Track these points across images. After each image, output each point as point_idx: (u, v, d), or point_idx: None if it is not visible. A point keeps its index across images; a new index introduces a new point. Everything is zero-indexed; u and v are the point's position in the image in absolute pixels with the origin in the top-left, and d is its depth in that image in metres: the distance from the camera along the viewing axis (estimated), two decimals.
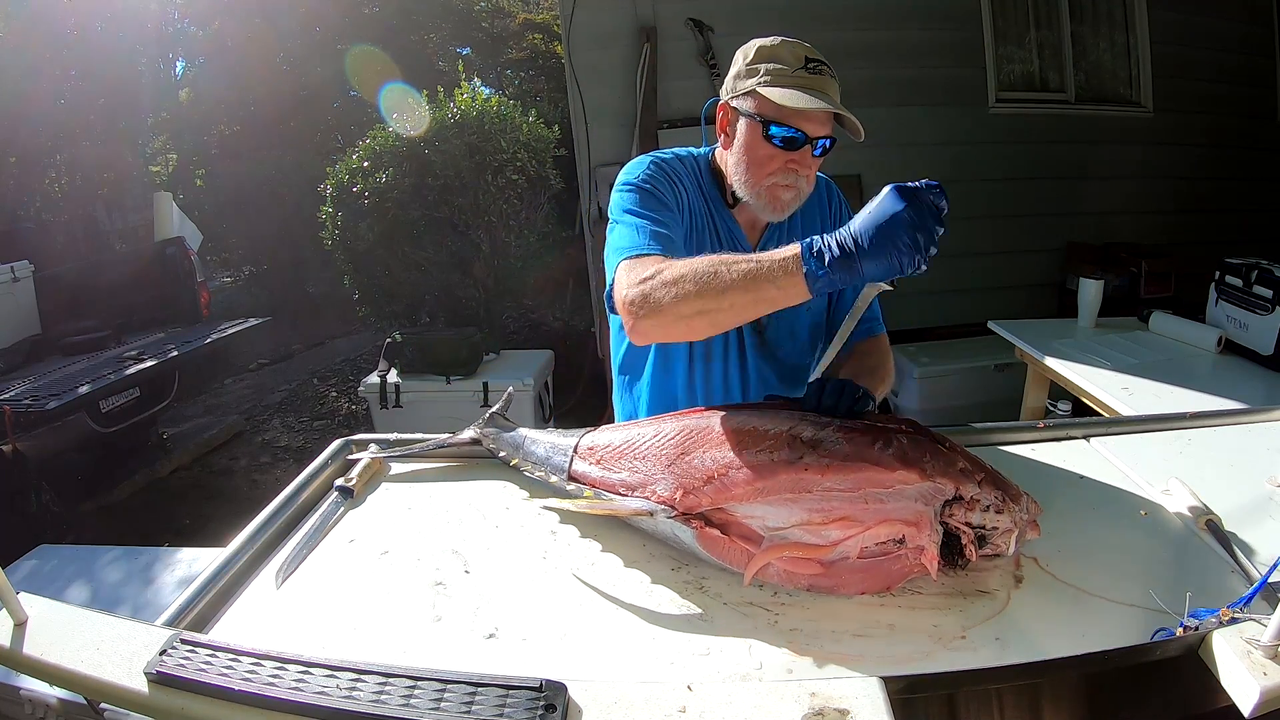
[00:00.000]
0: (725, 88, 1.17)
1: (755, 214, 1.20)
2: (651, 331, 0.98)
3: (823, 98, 1.06)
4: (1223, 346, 2.15)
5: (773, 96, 1.06)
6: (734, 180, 1.17)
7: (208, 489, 3.66)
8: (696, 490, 0.90)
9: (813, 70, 1.08)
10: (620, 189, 1.17)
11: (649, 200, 1.14)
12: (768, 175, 1.12)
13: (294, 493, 1.10)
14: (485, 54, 8.76)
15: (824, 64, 1.09)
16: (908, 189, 0.82)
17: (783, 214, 1.16)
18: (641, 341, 1.01)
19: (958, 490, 0.84)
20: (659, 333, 0.98)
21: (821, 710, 0.60)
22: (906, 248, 0.80)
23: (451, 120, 3.87)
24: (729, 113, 1.16)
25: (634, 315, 0.97)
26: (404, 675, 0.63)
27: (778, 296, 0.88)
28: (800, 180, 1.13)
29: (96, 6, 6.69)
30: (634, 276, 0.99)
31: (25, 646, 0.70)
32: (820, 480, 0.84)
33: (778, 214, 1.16)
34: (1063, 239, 4.11)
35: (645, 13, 3.69)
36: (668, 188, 1.18)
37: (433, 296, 4.17)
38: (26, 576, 1.94)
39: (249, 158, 6.89)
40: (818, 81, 1.08)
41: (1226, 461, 1.15)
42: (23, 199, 6.53)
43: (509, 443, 1.16)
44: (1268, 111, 4.35)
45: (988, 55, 3.94)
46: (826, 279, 0.84)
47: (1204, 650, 0.69)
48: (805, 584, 0.86)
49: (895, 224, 0.80)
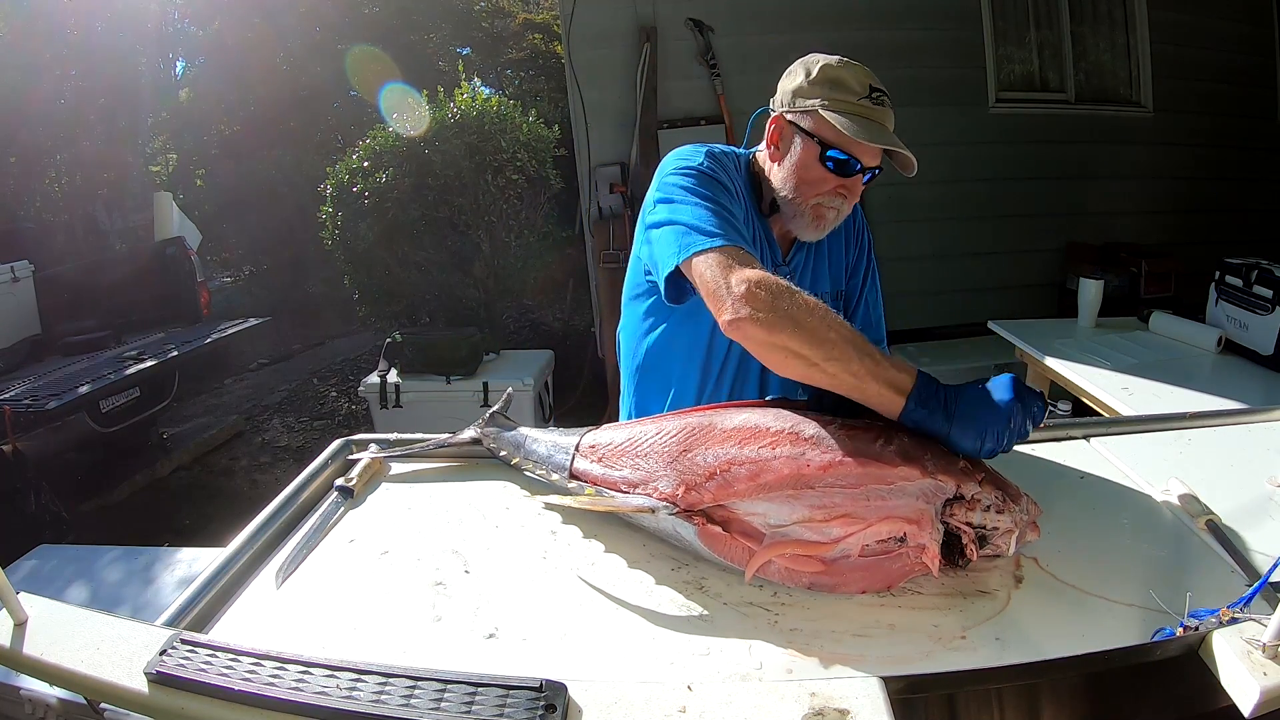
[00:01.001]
0: (780, 99, 1.16)
1: (790, 227, 1.20)
2: (753, 337, 0.93)
3: (882, 131, 1.07)
4: (1223, 346, 2.15)
5: (836, 123, 1.07)
6: (780, 191, 1.17)
7: (208, 489, 3.66)
8: (698, 487, 0.90)
9: (876, 101, 1.09)
10: (678, 172, 1.13)
11: (715, 188, 1.11)
12: (816, 195, 1.13)
13: (294, 493, 1.10)
14: (485, 54, 8.76)
15: (885, 94, 1.10)
16: (1023, 388, 0.87)
17: (821, 234, 1.17)
18: (735, 336, 0.96)
19: (959, 489, 0.84)
20: (756, 343, 0.94)
21: (821, 710, 0.60)
22: (993, 435, 0.86)
23: (451, 120, 3.87)
24: (783, 126, 1.16)
25: (751, 311, 0.92)
26: (404, 675, 0.63)
27: (869, 399, 0.90)
28: (845, 205, 1.15)
29: (96, 6, 6.69)
30: (754, 275, 0.94)
31: (25, 646, 0.70)
32: (822, 476, 0.84)
33: (817, 234, 1.17)
34: (1063, 239, 4.11)
35: (645, 12, 3.69)
36: (728, 180, 1.15)
37: (433, 296, 4.17)
38: (26, 576, 1.93)
39: (249, 158, 6.90)
40: (879, 113, 1.09)
41: (1226, 461, 1.15)
42: (23, 199, 6.54)
43: (509, 442, 1.16)
44: (1268, 111, 4.35)
45: (988, 55, 3.94)
46: (913, 419, 0.88)
47: (1204, 650, 0.69)
48: (806, 582, 0.86)
49: (997, 412, 0.86)
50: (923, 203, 3.89)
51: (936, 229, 3.98)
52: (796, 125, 1.13)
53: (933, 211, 3.92)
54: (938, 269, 4.04)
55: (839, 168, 1.11)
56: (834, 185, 1.12)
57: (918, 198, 3.88)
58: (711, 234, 1.02)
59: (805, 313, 0.91)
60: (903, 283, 3.92)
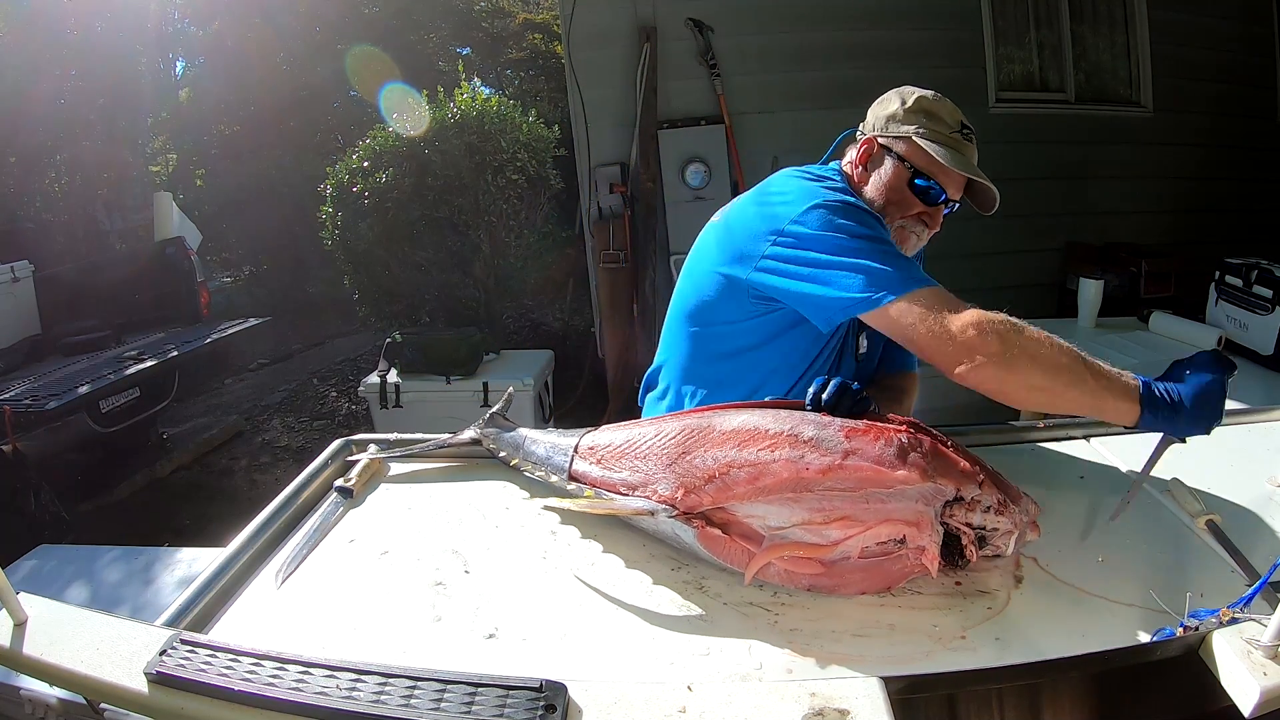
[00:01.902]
0: (873, 124, 1.20)
1: None
2: (994, 379, 0.95)
3: (969, 164, 1.12)
4: (1223, 346, 2.15)
5: (930, 150, 1.11)
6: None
7: (208, 489, 3.66)
8: (698, 490, 0.89)
9: (966, 136, 1.14)
10: (849, 233, 1.07)
11: (873, 224, 1.10)
12: (901, 217, 1.17)
13: (294, 493, 1.10)
14: (485, 54, 8.76)
15: (972, 131, 1.15)
16: (1219, 361, 0.92)
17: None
18: (971, 382, 0.96)
19: (958, 491, 0.84)
20: (997, 384, 0.95)
21: (821, 710, 0.60)
22: (1217, 415, 0.91)
23: (451, 120, 3.87)
24: (875, 148, 1.19)
25: (986, 357, 0.94)
26: (404, 675, 0.63)
27: (1106, 414, 0.94)
28: (925, 233, 1.19)
29: (96, 6, 6.69)
30: (974, 318, 0.96)
31: (25, 646, 0.70)
32: (821, 480, 0.84)
33: None
34: (1063, 239, 4.11)
35: (645, 13, 3.69)
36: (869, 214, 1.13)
37: (433, 296, 4.17)
38: (26, 576, 1.93)
39: (249, 158, 6.90)
40: (968, 149, 1.14)
41: (1226, 461, 1.15)
42: (23, 199, 6.53)
43: (509, 443, 1.16)
44: (1268, 111, 4.35)
45: (988, 55, 3.94)
46: (1151, 424, 0.93)
47: (1204, 650, 0.69)
48: (806, 584, 0.86)
49: (1215, 392, 0.91)
50: None
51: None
52: (888, 149, 1.16)
53: None
54: (938, 269, 4.01)
55: (925, 194, 1.14)
56: (918, 210, 1.16)
57: None
58: (906, 280, 1.02)
59: (1036, 345, 0.94)
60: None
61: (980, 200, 1.16)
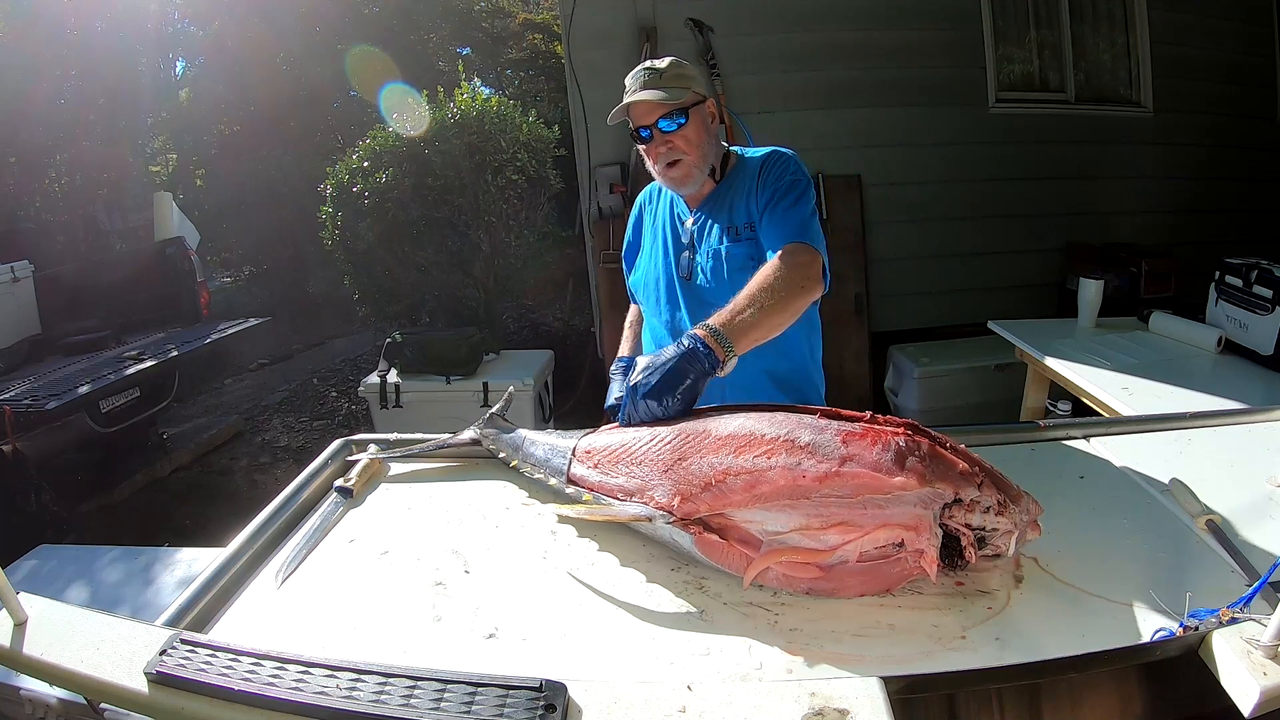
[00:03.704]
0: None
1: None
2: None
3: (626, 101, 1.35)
4: (1223, 346, 2.14)
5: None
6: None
7: (208, 489, 3.66)
8: (694, 497, 0.89)
9: (636, 79, 1.36)
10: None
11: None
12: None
13: (294, 493, 1.11)
14: (485, 54, 8.76)
15: (647, 70, 1.34)
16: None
17: (676, 188, 1.44)
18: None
19: (957, 493, 0.84)
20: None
21: (821, 710, 0.60)
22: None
23: (451, 120, 3.87)
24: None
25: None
26: (404, 675, 0.63)
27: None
28: (651, 164, 1.40)
29: (96, 6, 6.69)
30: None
31: (25, 646, 0.70)
32: (818, 488, 0.83)
33: (674, 187, 1.44)
34: (1063, 239, 4.10)
35: (645, 13, 3.69)
36: None
37: (433, 296, 4.17)
38: (26, 576, 1.93)
39: (249, 158, 6.89)
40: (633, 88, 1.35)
41: (1226, 461, 1.15)
42: (23, 199, 6.53)
43: (509, 444, 1.16)
44: (1268, 111, 4.34)
45: (988, 55, 3.93)
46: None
47: (1204, 650, 0.69)
48: (804, 588, 0.86)
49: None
50: (923, 203, 3.89)
51: (936, 229, 3.97)
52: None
53: (933, 211, 3.92)
54: (938, 269, 4.02)
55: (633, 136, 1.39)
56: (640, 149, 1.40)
57: (918, 198, 3.88)
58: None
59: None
60: (903, 283, 3.91)
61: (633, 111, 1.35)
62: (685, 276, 1.42)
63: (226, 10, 7.41)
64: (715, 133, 1.40)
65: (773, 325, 1.14)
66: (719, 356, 1.06)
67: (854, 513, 0.83)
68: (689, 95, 1.33)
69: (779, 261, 1.20)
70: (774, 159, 1.38)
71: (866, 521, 0.83)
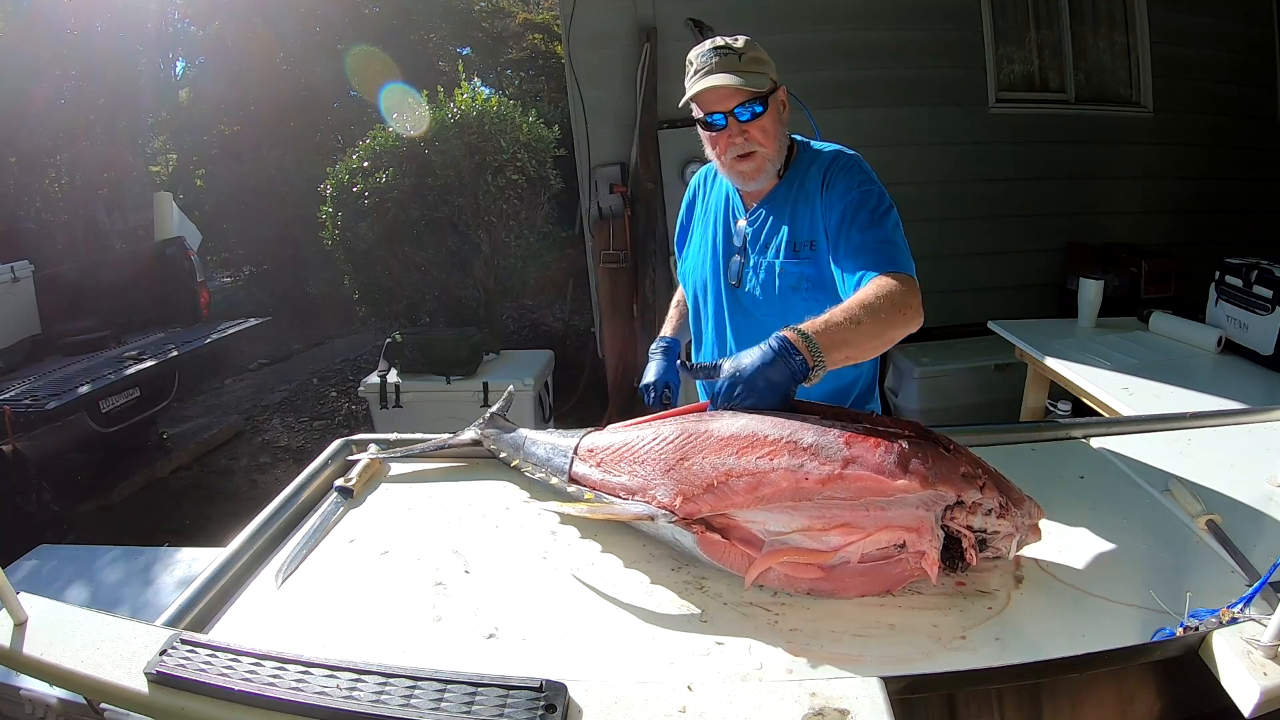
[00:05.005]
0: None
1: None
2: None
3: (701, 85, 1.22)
4: (1223, 346, 2.14)
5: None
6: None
7: (208, 489, 3.66)
8: (696, 498, 0.89)
9: (707, 60, 1.23)
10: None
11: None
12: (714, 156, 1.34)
13: (294, 493, 1.10)
14: (485, 54, 8.76)
15: (721, 50, 1.22)
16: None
17: (744, 184, 1.32)
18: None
19: (959, 496, 0.84)
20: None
21: (821, 710, 0.60)
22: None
23: (451, 120, 3.87)
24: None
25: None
26: (404, 675, 0.63)
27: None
28: (721, 154, 1.28)
29: (96, 6, 6.69)
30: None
31: (25, 646, 0.70)
32: (821, 490, 0.83)
33: (742, 183, 1.33)
34: (1063, 239, 4.11)
35: (645, 13, 3.69)
36: None
37: (433, 296, 4.17)
38: (26, 576, 1.93)
39: (249, 158, 6.89)
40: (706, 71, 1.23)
41: (1226, 461, 1.15)
42: (23, 199, 6.53)
43: (509, 443, 1.16)
44: (1268, 111, 4.34)
45: (988, 55, 3.93)
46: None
47: (1204, 650, 0.69)
48: (806, 588, 0.86)
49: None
50: (923, 203, 3.89)
51: (936, 229, 3.97)
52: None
53: (933, 211, 3.92)
54: (938, 269, 4.01)
55: (702, 124, 1.26)
56: (708, 137, 1.27)
57: (918, 198, 3.87)
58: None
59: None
60: None
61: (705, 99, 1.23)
62: (734, 283, 1.34)
63: (226, 10, 7.41)
64: (786, 123, 1.29)
65: (866, 349, 1.05)
66: (809, 363, 0.97)
67: (856, 514, 0.83)
68: (768, 82, 1.22)
69: (882, 285, 1.10)
70: (839, 165, 1.27)
71: (869, 523, 0.83)
